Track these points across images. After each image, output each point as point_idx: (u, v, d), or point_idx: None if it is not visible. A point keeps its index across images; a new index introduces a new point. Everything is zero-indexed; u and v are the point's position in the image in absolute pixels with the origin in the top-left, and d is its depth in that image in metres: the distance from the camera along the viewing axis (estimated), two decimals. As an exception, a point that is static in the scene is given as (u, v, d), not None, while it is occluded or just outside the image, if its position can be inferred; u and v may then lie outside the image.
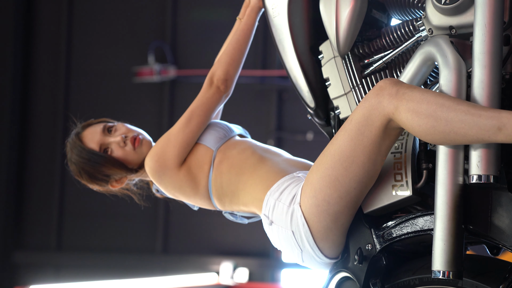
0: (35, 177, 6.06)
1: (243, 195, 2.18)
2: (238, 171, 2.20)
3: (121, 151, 2.33)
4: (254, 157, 2.21)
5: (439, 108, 1.67)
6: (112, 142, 2.34)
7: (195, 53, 5.82)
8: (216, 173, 2.24)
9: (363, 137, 1.80)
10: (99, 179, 2.37)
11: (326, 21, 1.99)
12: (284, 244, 2.05)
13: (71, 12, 6.05)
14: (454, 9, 1.78)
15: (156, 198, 2.37)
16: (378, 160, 1.83)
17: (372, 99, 1.77)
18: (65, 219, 6.01)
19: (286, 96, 5.65)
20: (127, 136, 2.34)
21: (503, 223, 1.68)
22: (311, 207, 1.92)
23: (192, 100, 2.31)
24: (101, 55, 5.98)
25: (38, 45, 6.10)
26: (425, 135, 1.70)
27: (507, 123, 1.60)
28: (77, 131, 2.40)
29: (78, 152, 2.35)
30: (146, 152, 2.33)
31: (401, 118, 1.72)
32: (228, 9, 5.72)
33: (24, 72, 6.07)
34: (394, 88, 1.74)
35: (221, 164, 2.24)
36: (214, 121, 2.38)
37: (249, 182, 2.16)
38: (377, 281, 1.88)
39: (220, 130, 2.33)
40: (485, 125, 1.62)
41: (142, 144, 2.34)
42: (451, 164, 1.71)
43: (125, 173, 2.35)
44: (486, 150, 1.66)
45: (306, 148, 5.53)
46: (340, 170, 1.85)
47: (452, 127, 1.65)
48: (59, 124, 6.00)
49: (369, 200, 1.91)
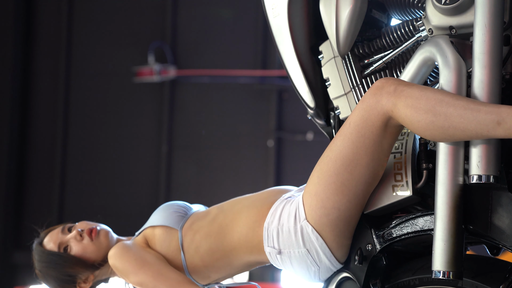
0: (35, 177, 6.06)
1: (235, 252, 2.09)
2: (216, 237, 2.10)
3: (79, 245, 2.23)
4: (227, 215, 2.12)
5: (438, 104, 1.67)
6: (70, 239, 2.25)
7: (195, 53, 5.82)
8: (190, 253, 2.14)
9: (364, 139, 1.79)
10: (65, 281, 2.25)
11: (326, 21, 1.99)
12: (298, 268, 2.00)
13: (71, 12, 6.05)
14: (454, 9, 1.78)
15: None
16: (382, 159, 1.82)
17: (370, 100, 1.77)
18: (65, 219, 6.00)
19: (286, 96, 5.65)
20: (83, 229, 2.26)
21: (503, 223, 1.68)
22: (321, 218, 1.89)
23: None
24: (101, 55, 5.98)
25: (38, 45, 6.10)
26: (424, 131, 1.70)
27: (506, 117, 1.60)
28: (39, 240, 2.32)
29: (39, 258, 2.27)
30: (105, 242, 2.24)
31: (400, 115, 1.72)
32: (228, 9, 5.72)
33: (24, 72, 6.07)
34: (392, 86, 1.74)
35: (192, 241, 2.14)
36: (170, 202, 2.28)
37: (236, 236, 2.07)
38: (377, 281, 1.87)
39: (179, 209, 2.23)
40: (484, 120, 1.62)
41: (100, 234, 2.25)
42: (451, 164, 1.71)
43: (88, 270, 2.24)
44: (486, 150, 1.66)
45: (306, 148, 5.53)
46: (345, 175, 1.83)
47: (451, 122, 1.65)
48: (59, 124, 6.00)
49: (369, 200, 1.90)
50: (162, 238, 2.18)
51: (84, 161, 5.95)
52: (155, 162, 5.81)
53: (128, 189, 5.83)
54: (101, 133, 5.90)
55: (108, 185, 5.87)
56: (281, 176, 5.58)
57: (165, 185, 5.73)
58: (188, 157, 5.78)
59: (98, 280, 2.28)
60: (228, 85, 5.69)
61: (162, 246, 2.18)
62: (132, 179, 5.85)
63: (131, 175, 5.86)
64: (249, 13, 5.65)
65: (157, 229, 2.20)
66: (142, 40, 5.88)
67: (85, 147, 5.95)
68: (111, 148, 5.89)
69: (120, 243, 2.21)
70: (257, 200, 2.11)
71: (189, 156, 5.78)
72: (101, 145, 5.90)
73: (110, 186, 5.86)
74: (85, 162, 5.94)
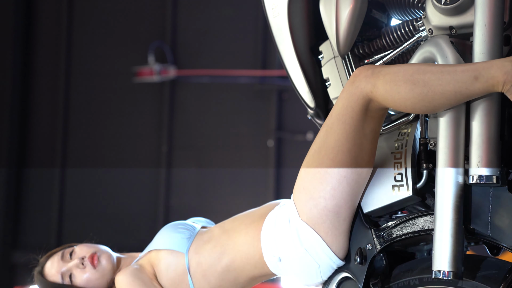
0: (34, 177, 6.06)
1: (239, 270, 2.07)
2: (220, 257, 2.08)
3: (83, 274, 2.20)
4: (230, 234, 2.10)
5: (415, 72, 1.70)
6: (72, 267, 2.21)
7: (195, 53, 5.82)
8: (197, 277, 2.11)
9: (345, 125, 1.81)
10: None
11: (326, 21, 1.99)
12: (299, 271, 1.99)
13: (71, 12, 6.05)
14: (454, 9, 1.78)
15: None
16: (365, 144, 1.83)
17: (349, 88, 1.80)
18: (65, 219, 6.00)
19: (286, 96, 5.65)
20: (84, 257, 2.22)
21: (503, 223, 1.68)
22: (311, 210, 1.90)
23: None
24: (101, 55, 5.98)
25: (38, 45, 6.10)
26: (405, 102, 1.71)
27: (482, 71, 1.63)
28: (39, 269, 2.28)
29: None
30: (108, 267, 2.22)
31: (381, 92, 1.74)
32: (228, 9, 5.72)
33: (24, 72, 6.07)
34: (369, 70, 1.77)
35: (199, 265, 2.11)
36: (174, 223, 2.25)
37: (238, 254, 2.06)
38: (377, 281, 1.87)
39: (183, 230, 2.20)
40: (461, 78, 1.65)
41: (101, 260, 2.21)
42: (451, 164, 1.71)
43: None
44: (486, 150, 1.66)
45: (306, 148, 5.48)
46: (327, 162, 1.85)
47: (429, 87, 1.67)
48: (59, 124, 6.00)
49: (369, 200, 1.90)
50: (168, 262, 2.14)
51: (84, 161, 5.95)
52: (155, 162, 5.82)
53: (128, 189, 5.83)
54: (101, 133, 5.90)
55: (108, 185, 5.87)
56: (281, 176, 5.58)
57: (165, 185, 5.73)
58: (188, 157, 5.78)
59: None
60: (228, 85, 5.69)
61: (168, 271, 2.14)
62: (132, 179, 5.85)
63: (131, 175, 5.86)
64: (249, 13, 5.65)
65: (162, 252, 2.16)
66: (142, 40, 5.88)
67: (85, 147, 5.95)
68: (111, 148, 5.89)
69: (128, 270, 2.16)
70: (254, 215, 2.12)
71: (189, 156, 5.78)
72: (101, 145, 5.90)
73: (110, 186, 5.86)
74: (85, 162, 5.95)
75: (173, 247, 2.14)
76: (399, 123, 1.96)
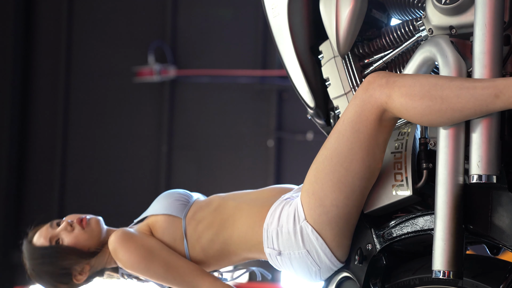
0: (34, 177, 6.06)
1: (234, 247, 2.09)
2: (218, 229, 2.10)
3: (71, 236, 2.17)
4: (228, 208, 2.11)
5: (432, 88, 1.66)
6: (60, 231, 2.18)
7: (195, 53, 5.82)
8: (192, 242, 2.13)
9: (359, 134, 1.79)
10: (60, 275, 2.19)
11: (326, 21, 1.99)
12: (298, 269, 2.00)
13: (71, 12, 6.05)
14: (454, 9, 1.78)
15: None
16: (378, 154, 1.82)
17: (363, 95, 1.77)
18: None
19: (286, 96, 5.65)
20: (73, 220, 2.20)
21: (503, 223, 1.68)
22: (320, 216, 1.89)
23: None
24: (101, 55, 5.98)
25: (38, 45, 6.10)
26: (421, 117, 1.69)
27: (503, 88, 1.60)
28: (28, 239, 2.25)
29: (30, 255, 2.21)
30: (97, 229, 2.20)
31: (396, 105, 1.71)
32: (228, 9, 5.72)
33: (24, 72, 6.07)
34: (384, 78, 1.75)
35: (195, 231, 2.12)
36: (171, 190, 2.26)
37: (236, 232, 2.07)
38: (377, 281, 1.88)
39: (181, 197, 2.21)
40: (481, 95, 1.61)
41: (90, 222, 2.19)
42: (451, 164, 1.71)
43: (83, 259, 2.18)
44: (486, 150, 1.66)
45: (306, 148, 5.52)
46: (341, 171, 1.83)
47: (448, 104, 1.65)
48: (59, 124, 6.00)
49: (369, 200, 1.90)
50: (166, 226, 2.15)
51: (84, 161, 5.95)
52: (155, 162, 5.82)
53: (128, 189, 5.83)
54: (101, 133, 5.90)
55: (108, 185, 5.87)
56: (281, 176, 5.58)
57: (165, 185, 5.73)
58: (188, 157, 5.78)
59: (94, 271, 2.21)
60: (228, 85, 5.69)
61: (165, 234, 2.15)
62: (132, 179, 5.85)
63: (131, 175, 5.86)
64: (249, 13, 5.65)
65: (160, 217, 2.17)
66: (142, 40, 5.87)
67: (85, 147, 5.95)
68: (111, 148, 5.89)
69: (122, 229, 2.17)
70: (258, 199, 2.12)
71: (189, 156, 5.78)
72: (101, 145, 5.90)
73: (110, 186, 5.86)
74: (85, 162, 5.95)
75: (171, 212, 2.15)
76: (399, 123, 1.96)
